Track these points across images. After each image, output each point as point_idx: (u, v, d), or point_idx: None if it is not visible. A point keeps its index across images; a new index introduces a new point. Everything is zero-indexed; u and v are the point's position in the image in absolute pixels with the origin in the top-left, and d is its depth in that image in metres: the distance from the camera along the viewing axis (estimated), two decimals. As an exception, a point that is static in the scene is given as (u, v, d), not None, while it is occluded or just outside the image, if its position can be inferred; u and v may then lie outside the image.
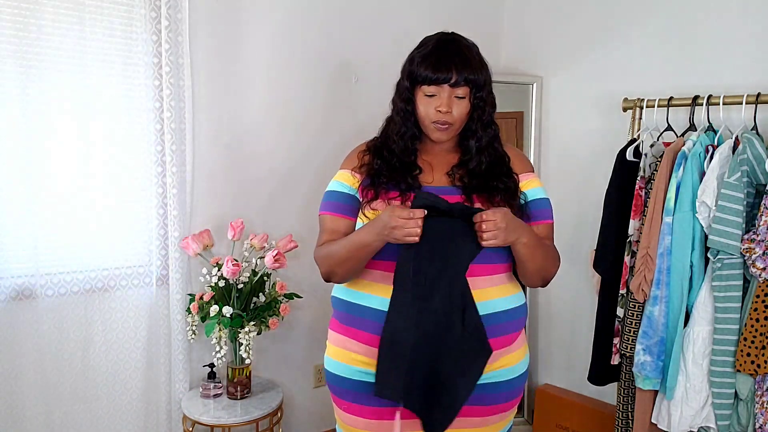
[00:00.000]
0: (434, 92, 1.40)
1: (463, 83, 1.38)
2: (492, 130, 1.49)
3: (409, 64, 1.44)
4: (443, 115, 1.40)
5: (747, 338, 1.95)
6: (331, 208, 1.50)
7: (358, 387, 1.45)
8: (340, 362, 1.48)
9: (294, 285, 2.44)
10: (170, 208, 2.22)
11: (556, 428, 2.83)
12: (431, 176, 1.48)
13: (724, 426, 2.05)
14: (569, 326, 2.95)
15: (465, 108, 1.42)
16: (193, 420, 2.15)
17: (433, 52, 1.40)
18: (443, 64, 1.38)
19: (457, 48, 1.41)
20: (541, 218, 1.51)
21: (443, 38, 1.43)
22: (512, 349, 1.47)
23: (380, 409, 1.44)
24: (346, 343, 1.48)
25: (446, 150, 1.52)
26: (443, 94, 1.39)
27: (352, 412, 1.47)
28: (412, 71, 1.42)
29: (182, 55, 2.20)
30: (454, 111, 1.41)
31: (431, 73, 1.38)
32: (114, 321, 2.20)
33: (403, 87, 1.46)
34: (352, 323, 1.47)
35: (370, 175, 1.47)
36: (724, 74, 2.32)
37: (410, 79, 1.43)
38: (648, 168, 2.30)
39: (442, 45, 1.41)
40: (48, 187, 2.03)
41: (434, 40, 1.43)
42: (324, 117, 2.61)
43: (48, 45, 1.98)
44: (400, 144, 1.47)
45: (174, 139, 2.19)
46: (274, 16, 2.45)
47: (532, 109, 3.00)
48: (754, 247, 1.92)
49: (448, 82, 1.38)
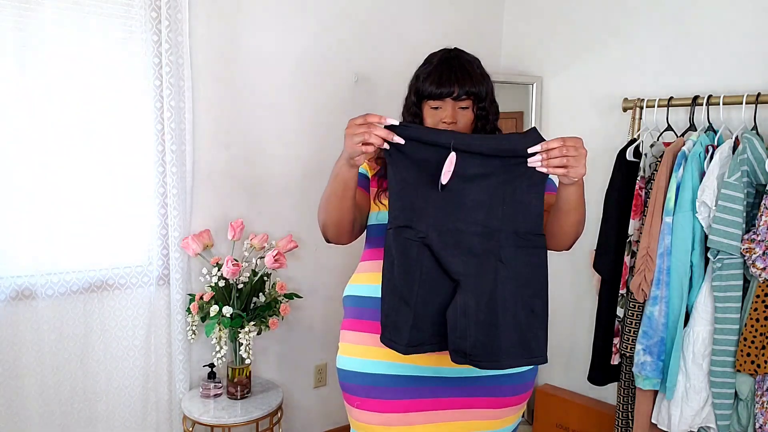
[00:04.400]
0: (439, 105, 1.48)
1: (465, 96, 1.46)
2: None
3: (415, 80, 1.53)
4: (448, 125, 1.47)
5: (747, 338, 1.95)
6: None
7: (371, 380, 1.47)
8: (354, 358, 1.50)
9: (294, 285, 2.44)
10: (170, 208, 2.22)
11: (556, 428, 2.83)
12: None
13: (724, 426, 2.05)
14: (569, 326, 2.95)
15: (469, 118, 1.50)
16: (193, 420, 2.15)
17: (437, 69, 1.49)
18: (446, 80, 1.46)
19: (458, 63, 1.49)
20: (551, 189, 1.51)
21: (446, 55, 1.51)
22: None
23: (394, 402, 1.45)
24: (360, 339, 1.49)
25: None
26: (447, 107, 1.47)
27: (366, 407, 1.48)
28: (418, 88, 1.51)
29: (182, 55, 2.20)
30: (459, 121, 1.48)
31: (435, 88, 1.47)
32: (114, 321, 2.20)
33: (411, 102, 1.55)
34: (365, 315, 1.49)
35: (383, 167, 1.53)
36: (724, 74, 2.32)
37: (416, 95, 1.52)
38: (648, 168, 2.30)
39: (444, 61, 1.50)
40: (48, 187, 2.03)
41: (438, 57, 1.52)
42: (324, 117, 2.61)
43: (48, 45, 1.98)
44: None
45: (174, 139, 2.19)
46: (274, 16, 2.45)
47: (532, 109, 3.00)
48: (754, 247, 1.92)
49: (451, 96, 1.46)
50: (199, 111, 2.30)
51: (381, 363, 1.45)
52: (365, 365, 1.48)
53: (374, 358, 1.46)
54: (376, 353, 1.45)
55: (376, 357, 1.46)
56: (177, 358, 2.29)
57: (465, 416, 1.47)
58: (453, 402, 1.47)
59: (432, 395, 1.46)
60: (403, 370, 1.44)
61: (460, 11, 2.99)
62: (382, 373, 1.45)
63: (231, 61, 2.37)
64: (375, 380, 1.46)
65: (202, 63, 2.29)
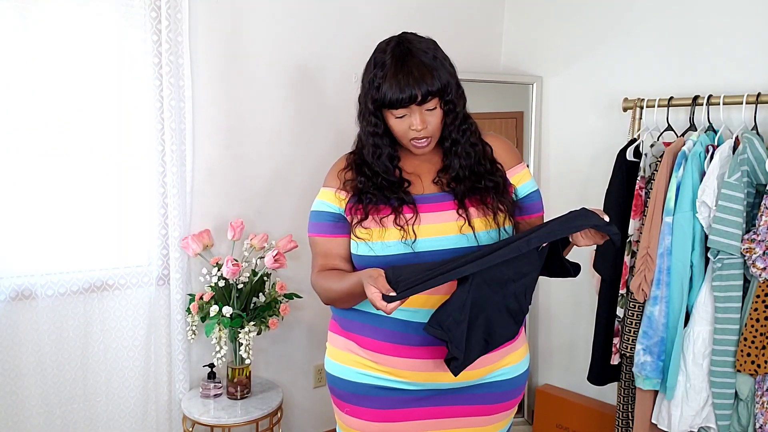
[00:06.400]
0: (404, 113, 1.36)
1: (430, 97, 1.34)
2: (467, 126, 1.45)
3: (369, 86, 1.38)
4: (419, 132, 1.37)
5: (747, 338, 1.95)
6: (320, 229, 1.47)
7: (359, 389, 1.45)
8: (340, 364, 1.48)
9: (294, 285, 2.44)
10: (170, 208, 2.22)
11: (556, 428, 2.83)
12: (421, 187, 1.45)
13: (724, 426, 2.05)
14: (569, 326, 2.95)
15: (439, 117, 1.38)
16: (193, 420, 2.15)
17: (393, 73, 1.33)
18: (404, 84, 1.32)
19: (413, 61, 1.34)
20: (535, 211, 1.51)
21: (397, 53, 1.35)
22: (513, 348, 1.47)
23: (382, 412, 1.43)
24: (346, 345, 1.47)
25: (428, 157, 1.48)
26: (414, 113, 1.35)
27: (354, 415, 1.47)
28: (375, 97, 1.37)
29: (182, 55, 2.20)
30: (429, 125, 1.37)
31: (396, 96, 1.33)
32: (114, 321, 2.20)
33: (368, 111, 1.40)
34: (352, 327, 1.46)
35: (356, 194, 1.44)
36: (724, 74, 2.31)
37: (374, 104, 1.38)
38: (648, 168, 2.30)
39: (398, 61, 1.34)
40: (48, 187, 2.03)
41: (389, 55, 1.36)
42: (324, 116, 2.61)
43: (47, 45, 1.98)
44: (381, 165, 1.44)
45: (174, 139, 2.19)
46: (274, 16, 2.45)
47: (532, 109, 3.00)
48: (755, 247, 1.92)
49: (414, 102, 1.33)
50: (199, 111, 2.29)
51: (367, 374, 1.43)
52: (351, 374, 1.45)
53: (360, 368, 1.44)
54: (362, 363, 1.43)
55: (362, 367, 1.44)
56: (177, 358, 2.28)
57: (454, 425, 1.44)
58: (442, 411, 1.44)
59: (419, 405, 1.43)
60: (389, 383, 1.42)
61: (460, 11, 2.99)
62: (370, 383, 1.43)
63: (231, 61, 2.37)
64: (362, 389, 1.44)
65: (202, 63, 2.29)
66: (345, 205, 1.44)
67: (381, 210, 1.40)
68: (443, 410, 1.44)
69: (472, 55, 3.02)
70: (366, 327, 1.43)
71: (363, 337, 1.43)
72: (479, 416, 1.45)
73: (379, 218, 1.39)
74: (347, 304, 1.43)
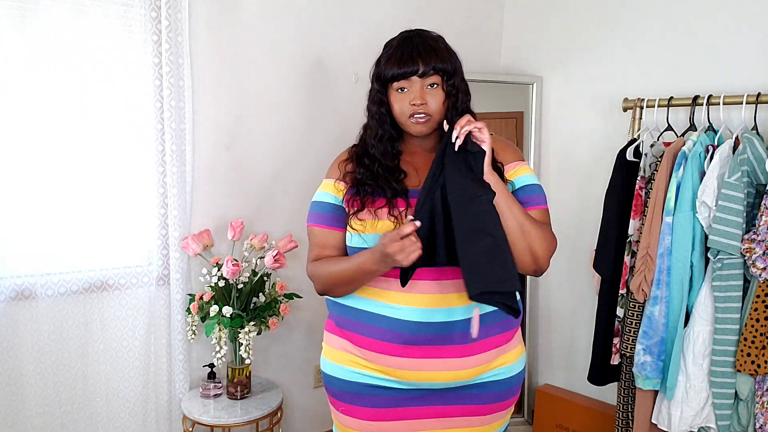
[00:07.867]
0: (405, 86, 1.38)
1: (432, 72, 1.36)
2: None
3: (376, 66, 1.44)
4: (418, 107, 1.37)
5: (747, 338, 1.95)
6: (319, 219, 1.49)
7: (354, 388, 1.45)
8: (336, 364, 1.48)
9: (294, 285, 2.44)
10: (170, 208, 2.22)
11: (556, 428, 2.83)
12: (417, 179, 1.44)
13: (724, 426, 2.05)
14: (569, 326, 2.95)
15: (440, 97, 1.39)
16: (193, 420, 2.15)
17: (398, 49, 1.39)
18: (408, 57, 1.36)
19: (420, 40, 1.40)
20: (533, 204, 1.43)
21: (406, 35, 1.43)
22: (508, 348, 1.48)
23: (377, 411, 1.44)
24: (342, 345, 1.48)
25: (428, 150, 1.49)
26: (414, 87, 1.37)
27: (349, 414, 1.47)
28: (380, 72, 1.41)
29: (182, 55, 2.20)
30: (429, 102, 1.38)
31: (398, 68, 1.37)
32: (114, 321, 2.20)
33: (375, 90, 1.44)
34: (347, 326, 1.46)
35: (354, 185, 1.45)
36: (724, 74, 2.31)
37: (379, 80, 1.42)
38: (648, 168, 2.30)
39: (405, 41, 1.41)
40: (48, 187, 2.03)
41: (397, 38, 1.43)
42: (325, 116, 2.61)
43: (47, 45, 1.98)
44: (380, 148, 1.45)
45: (174, 139, 2.19)
46: (274, 16, 2.44)
47: (532, 109, 3.00)
48: (755, 247, 1.92)
49: (416, 74, 1.36)
50: (199, 111, 2.29)
51: (362, 374, 1.43)
52: (347, 373, 1.46)
53: (355, 368, 1.44)
54: (357, 363, 1.44)
55: (357, 367, 1.44)
56: (177, 358, 2.28)
57: (449, 424, 1.44)
58: (437, 411, 1.44)
59: (414, 404, 1.44)
60: (384, 382, 1.42)
61: (460, 11, 2.99)
62: (365, 383, 1.43)
63: (231, 61, 2.37)
64: (357, 388, 1.44)
65: (202, 63, 2.29)
66: (343, 196, 1.46)
67: (376, 201, 1.41)
68: (438, 410, 1.44)
69: (472, 55, 3.01)
70: (361, 326, 1.43)
71: (358, 335, 1.43)
72: (474, 416, 1.46)
73: (374, 209, 1.40)
74: (347, 287, 1.41)
